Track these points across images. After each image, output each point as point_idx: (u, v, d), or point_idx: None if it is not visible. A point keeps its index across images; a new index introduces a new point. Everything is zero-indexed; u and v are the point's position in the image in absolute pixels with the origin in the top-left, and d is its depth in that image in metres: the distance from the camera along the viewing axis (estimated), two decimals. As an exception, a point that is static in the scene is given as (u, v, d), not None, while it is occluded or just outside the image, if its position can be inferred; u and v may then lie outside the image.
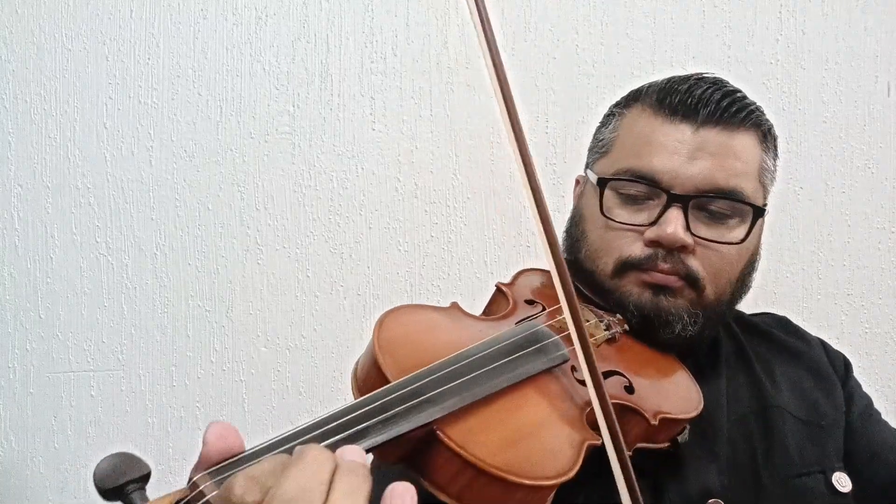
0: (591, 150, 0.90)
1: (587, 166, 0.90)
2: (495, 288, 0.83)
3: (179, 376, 1.57)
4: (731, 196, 0.78)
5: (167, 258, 1.58)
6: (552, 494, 0.60)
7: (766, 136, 0.83)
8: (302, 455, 0.43)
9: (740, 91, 0.83)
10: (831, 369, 0.90)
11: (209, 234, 1.58)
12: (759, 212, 0.79)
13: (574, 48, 1.58)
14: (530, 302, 0.78)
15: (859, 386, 0.93)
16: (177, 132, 1.59)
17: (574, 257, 0.87)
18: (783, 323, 0.96)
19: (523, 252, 1.56)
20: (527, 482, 0.55)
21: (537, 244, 0.95)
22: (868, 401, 0.92)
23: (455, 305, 0.75)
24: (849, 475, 0.81)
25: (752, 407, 0.83)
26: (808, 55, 1.57)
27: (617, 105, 0.88)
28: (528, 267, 0.89)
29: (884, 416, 0.92)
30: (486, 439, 0.56)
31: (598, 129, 0.89)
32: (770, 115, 0.85)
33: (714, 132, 0.78)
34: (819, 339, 0.95)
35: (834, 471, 0.80)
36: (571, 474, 0.59)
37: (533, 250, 1.04)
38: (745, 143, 0.80)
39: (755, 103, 0.84)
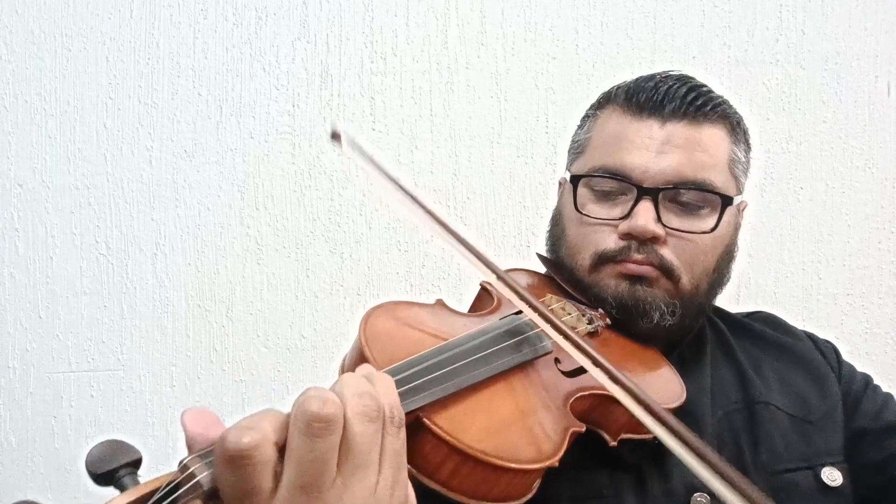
0: (568, 152, 0.93)
1: (566, 168, 0.92)
2: (480, 286, 0.84)
3: (179, 376, 1.57)
4: (698, 187, 0.80)
5: (167, 258, 1.58)
6: (538, 481, 0.61)
7: (735, 128, 0.85)
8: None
9: (706, 86, 0.85)
10: (823, 361, 0.90)
11: (209, 234, 1.58)
12: (727, 201, 0.81)
13: (574, 48, 1.59)
14: None
15: (853, 367, 0.92)
16: (177, 132, 1.59)
17: (556, 256, 0.89)
18: (770, 319, 0.97)
19: (523, 252, 1.56)
20: (513, 466, 0.57)
21: (539, 243, 0.96)
22: (869, 377, 0.91)
23: (440, 302, 0.76)
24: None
25: (739, 402, 0.83)
26: (808, 55, 1.57)
27: (590, 108, 0.91)
28: (517, 267, 0.90)
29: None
30: (471, 426, 0.58)
31: (575, 132, 0.92)
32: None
33: (680, 126, 0.80)
34: (805, 331, 0.95)
35: (823, 466, 0.80)
36: (555, 459, 0.60)
37: (533, 250, 1.04)
38: (712, 135, 0.81)
39: (721, 97, 0.85)
